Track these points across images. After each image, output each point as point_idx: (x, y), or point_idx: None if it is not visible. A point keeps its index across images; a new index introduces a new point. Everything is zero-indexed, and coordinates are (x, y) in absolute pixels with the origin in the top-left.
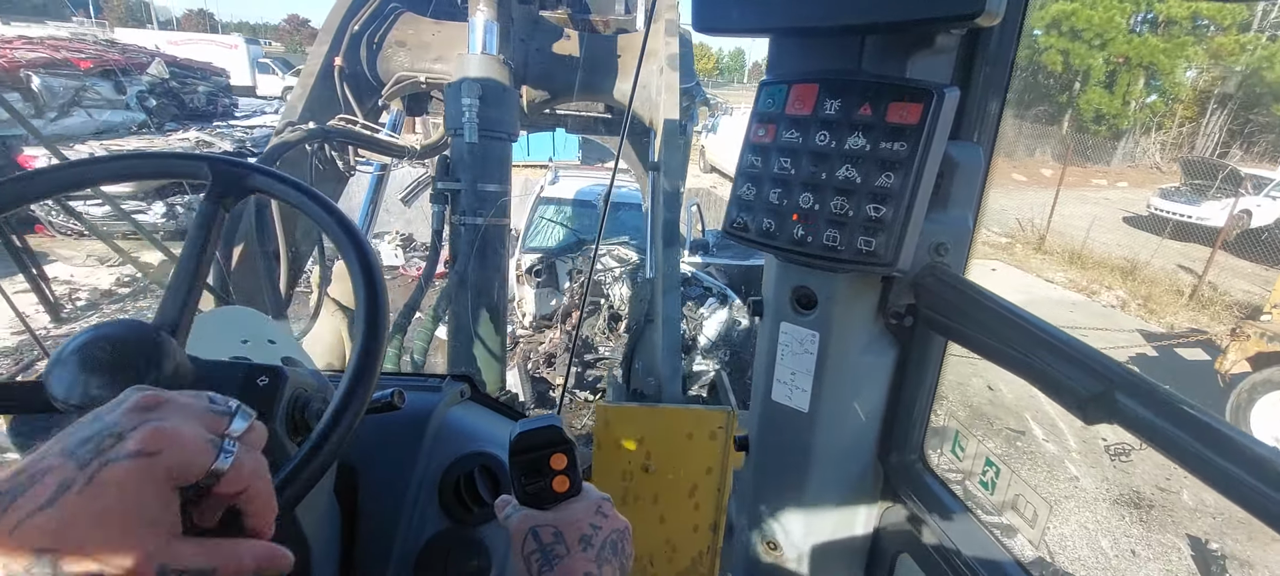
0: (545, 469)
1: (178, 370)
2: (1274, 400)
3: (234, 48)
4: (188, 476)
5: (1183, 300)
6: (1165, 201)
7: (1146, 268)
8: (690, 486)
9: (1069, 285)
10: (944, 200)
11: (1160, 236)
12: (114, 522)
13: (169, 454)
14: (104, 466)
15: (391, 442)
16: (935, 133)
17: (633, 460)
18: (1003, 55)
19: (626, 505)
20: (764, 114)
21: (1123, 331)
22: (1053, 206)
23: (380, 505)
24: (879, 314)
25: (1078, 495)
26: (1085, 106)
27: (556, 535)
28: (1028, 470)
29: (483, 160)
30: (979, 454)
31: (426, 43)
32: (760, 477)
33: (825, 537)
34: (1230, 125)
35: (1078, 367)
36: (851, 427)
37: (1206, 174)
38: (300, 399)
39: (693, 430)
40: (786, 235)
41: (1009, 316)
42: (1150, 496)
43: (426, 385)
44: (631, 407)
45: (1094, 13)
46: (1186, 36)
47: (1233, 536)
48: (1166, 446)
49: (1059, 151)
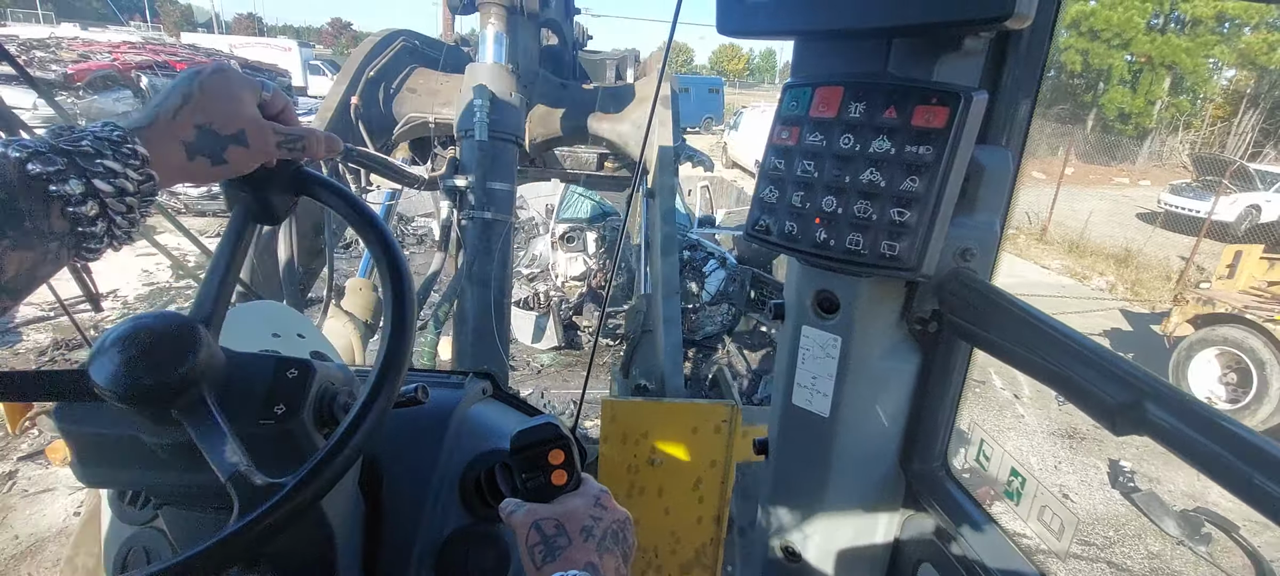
0: (544, 464)
1: (211, 360)
2: (1208, 356)
3: (288, 50)
4: (252, 86)
5: (1170, 285)
6: (1176, 197)
7: (1140, 255)
8: (695, 479)
9: (1063, 271)
10: (971, 204)
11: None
12: (230, 98)
13: (234, 71)
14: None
15: (415, 438)
16: (962, 136)
17: (638, 453)
18: (1034, 58)
19: (632, 497)
20: (788, 116)
21: (1103, 309)
22: (1054, 200)
23: (403, 499)
24: (902, 319)
25: (1019, 427)
26: (1108, 105)
27: (558, 527)
28: (980, 412)
29: (492, 159)
30: (1004, 463)
31: (435, 90)
32: (779, 482)
33: (845, 544)
34: (1264, 124)
35: (1106, 377)
36: (873, 434)
37: (1218, 170)
38: (328, 392)
39: (697, 424)
40: (809, 238)
41: (1036, 324)
42: (1085, 432)
43: (449, 381)
44: (637, 402)
45: (1113, 13)
46: (1211, 35)
47: (1149, 461)
48: (1198, 459)
49: (1082, 150)
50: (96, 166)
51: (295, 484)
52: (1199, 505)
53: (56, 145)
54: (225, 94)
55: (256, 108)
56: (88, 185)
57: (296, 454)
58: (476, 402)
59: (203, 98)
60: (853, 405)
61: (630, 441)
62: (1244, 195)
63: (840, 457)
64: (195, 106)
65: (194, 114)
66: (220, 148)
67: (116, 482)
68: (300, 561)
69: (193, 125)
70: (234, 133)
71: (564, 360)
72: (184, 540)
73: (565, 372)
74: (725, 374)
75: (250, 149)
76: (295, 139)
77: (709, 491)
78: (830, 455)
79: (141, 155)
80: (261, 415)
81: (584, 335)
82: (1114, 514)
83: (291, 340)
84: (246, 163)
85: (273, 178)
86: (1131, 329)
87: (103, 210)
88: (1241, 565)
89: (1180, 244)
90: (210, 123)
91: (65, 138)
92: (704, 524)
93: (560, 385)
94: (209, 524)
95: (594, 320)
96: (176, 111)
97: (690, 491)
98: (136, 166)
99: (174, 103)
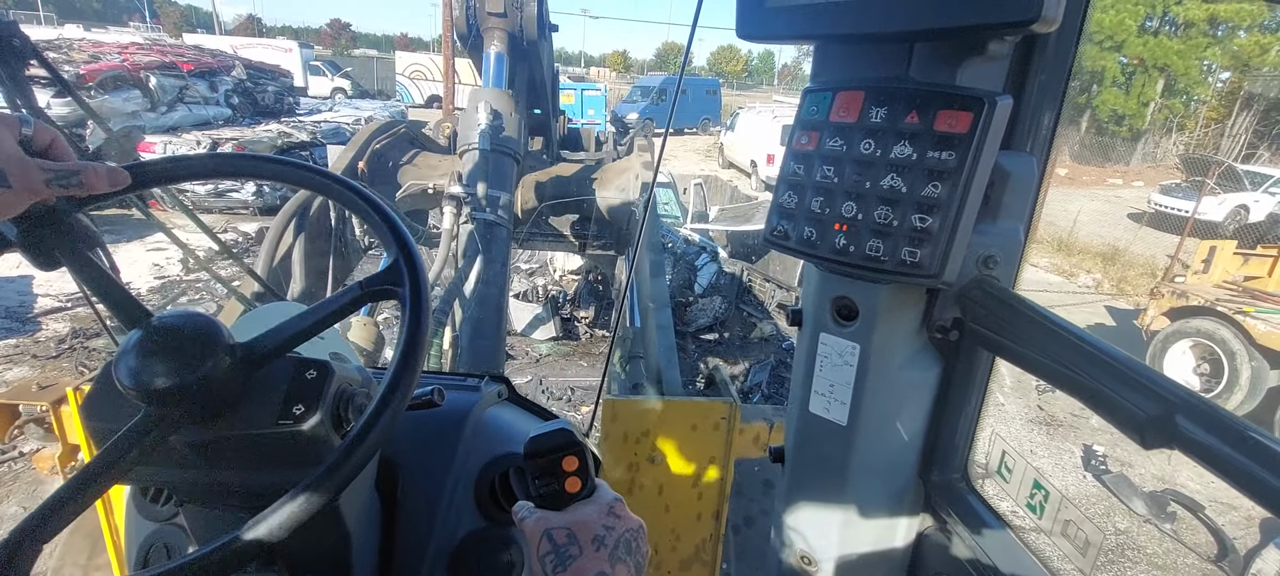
0: (558, 471)
1: (231, 359)
2: (1183, 348)
3: (289, 51)
4: (10, 126)
5: (1155, 282)
6: (1165, 198)
7: (1127, 254)
8: (694, 477)
9: (1050, 269)
10: (994, 211)
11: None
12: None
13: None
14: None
15: (431, 440)
16: (986, 142)
17: (638, 451)
18: (1060, 62)
19: (632, 495)
20: (807, 121)
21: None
22: (1042, 199)
23: (418, 501)
24: (923, 327)
25: (998, 413)
26: (1102, 107)
27: (570, 536)
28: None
29: (495, 169)
30: (1026, 475)
31: (434, 165)
32: (795, 489)
33: (861, 554)
34: (1257, 126)
35: (1135, 389)
36: (892, 443)
37: (1204, 171)
38: (345, 393)
39: (697, 421)
40: (828, 244)
41: (1062, 333)
42: (1063, 420)
43: (465, 384)
44: (637, 400)
45: (1106, 15)
46: (1203, 38)
47: (1123, 447)
48: (1230, 474)
49: (1076, 151)
50: None
51: (311, 482)
52: (1167, 487)
53: None
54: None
55: (17, 145)
56: None
57: (314, 454)
58: (492, 405)
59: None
60: (871, 414)
61: (631, 440)
62: (1232, 195)
63: (858, 467)
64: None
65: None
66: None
67: (138, 479)
68: (316, 561)
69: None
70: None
71: (562, 349)
72: (204, 537)
73: (562, 361)
74: (722, 372)
75: (14, 189)
76: (67, 175)
77: (708, 488)
78: (848, 464)
79: None
80: (280, 415)
81: (581, 326)
82: (1084, 493)
83: (311, 341)
84: (13, 204)
85: (55, 216)
86: (1115, 324)
87: None
88: (1205, 541)
89: (1168, 243)
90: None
91: None
92: (704, 520)
93: (557, 373)
94: (229, 521)
95: (591, 312)
96: None
97: (690, 488)
98: None
99: None
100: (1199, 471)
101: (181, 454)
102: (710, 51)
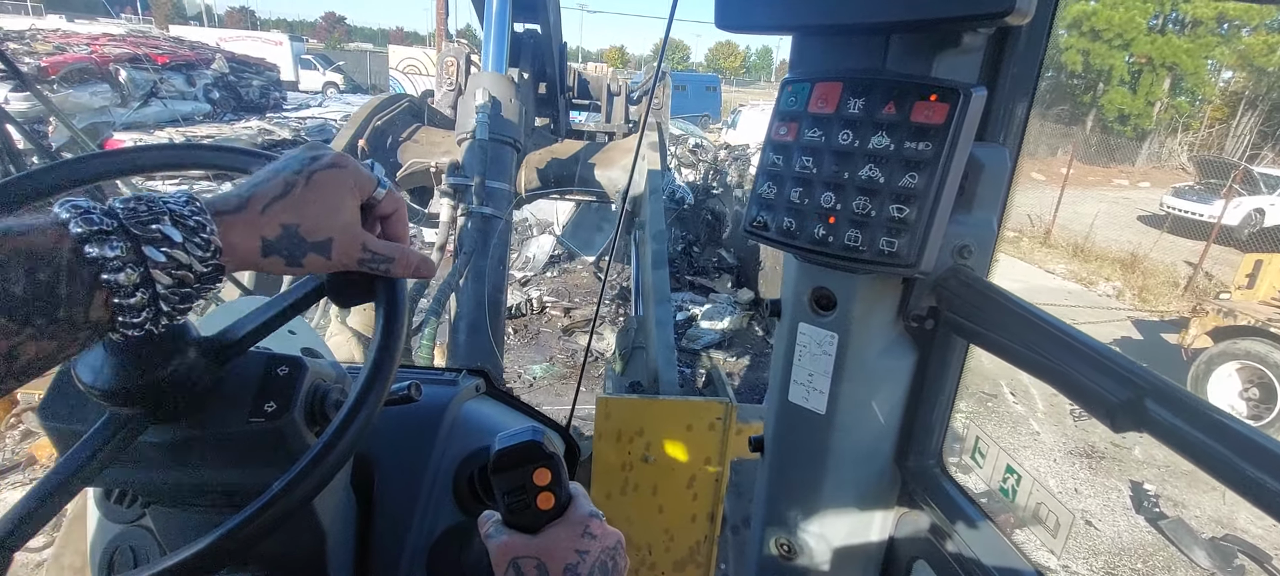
0: (529, 485)
1: (198, 352)
2: (1229, 370)
3: (279, 44)
4: (363, 187)
5: (1178, 291)
6: (1179, 200)
7: (1146, 260)
8: (689, 477)
9: (1068, 276)
10: (969, 202)
11: (1171, 235)
12: (329, 203)
13: (352, 169)
14: (314, 171)
15: (408, 435)
16: (961, 133)
17: (633, 451)
18: (1032, 55)
19: (626, 495)
20: (786, 112)
21: (1114, 318)
22: (1058, 203)
23: (396, 497)
24: (899, 316)
25: (1036, 446)
26: (1108, 106)
27: (539, 568)
28: (993, 427)
29: (493, 159)
30: (999, 460)
31: (437, 143)
32: (775, 479)
33: (840, 541)
34: (1262, 126)
35: (1105, 374)
36: (869, 431)
37: (1220, 173)
38: (319, 389)
39: (692, 421)
40: (807, 234)
41: (1033, 320)
42: (1103, 449)
43: (442, 378)
44: (632, 399)
45: (1115, 13)
46: (1211, 37)
47: (1172, 483)
48: (1198, 456)
49: (1081, 151)
50: (160, 255)
51: (285, 485)
52: (1228, 532)
53: (123, 224)
54: (328, 195)
55: (358, 212)
56: (144, 275)
57: (287, 452)
58: (470, 400)
59: (305, 193)
60: (849, 402)
61: (625, 439)
62: (1248, 199)
63: (836, 454)
64: (292, 202)
65: (286, 211)
66: (299, 253)
67: (103, 481)
68: (291, 562)
69: (280, 223)
70: (319, 241)
71: (557, 373)
72: (172, 539)
73: (558, 386)
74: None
75: (331, 260)
76: (381, 260)
77: (703, 489)
78: (826, 452)
79: (215, 246)
80: (252, 413)
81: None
82: (1140, 542)
83: (282, 336)
84: (321, 270)
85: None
86: (1143, 338)
87: (152, 300)
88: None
89: (1185, 248)
90: (298, 224)
91: (137, 214)
92: (698, 521)
93: (552, 399)
94: (197, 523)
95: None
96: (270, 204)
97: (684, 489)
98: (205, 258)
99: (273, 192)
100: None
101: (149, 454)
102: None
